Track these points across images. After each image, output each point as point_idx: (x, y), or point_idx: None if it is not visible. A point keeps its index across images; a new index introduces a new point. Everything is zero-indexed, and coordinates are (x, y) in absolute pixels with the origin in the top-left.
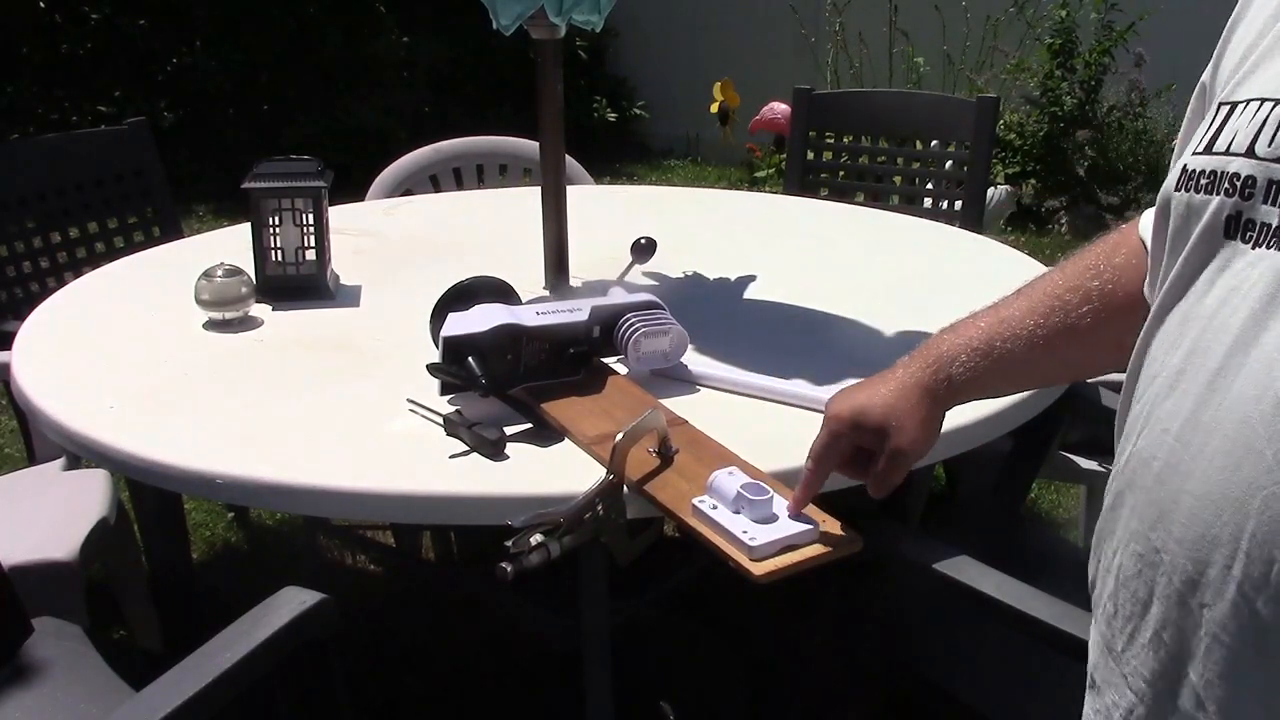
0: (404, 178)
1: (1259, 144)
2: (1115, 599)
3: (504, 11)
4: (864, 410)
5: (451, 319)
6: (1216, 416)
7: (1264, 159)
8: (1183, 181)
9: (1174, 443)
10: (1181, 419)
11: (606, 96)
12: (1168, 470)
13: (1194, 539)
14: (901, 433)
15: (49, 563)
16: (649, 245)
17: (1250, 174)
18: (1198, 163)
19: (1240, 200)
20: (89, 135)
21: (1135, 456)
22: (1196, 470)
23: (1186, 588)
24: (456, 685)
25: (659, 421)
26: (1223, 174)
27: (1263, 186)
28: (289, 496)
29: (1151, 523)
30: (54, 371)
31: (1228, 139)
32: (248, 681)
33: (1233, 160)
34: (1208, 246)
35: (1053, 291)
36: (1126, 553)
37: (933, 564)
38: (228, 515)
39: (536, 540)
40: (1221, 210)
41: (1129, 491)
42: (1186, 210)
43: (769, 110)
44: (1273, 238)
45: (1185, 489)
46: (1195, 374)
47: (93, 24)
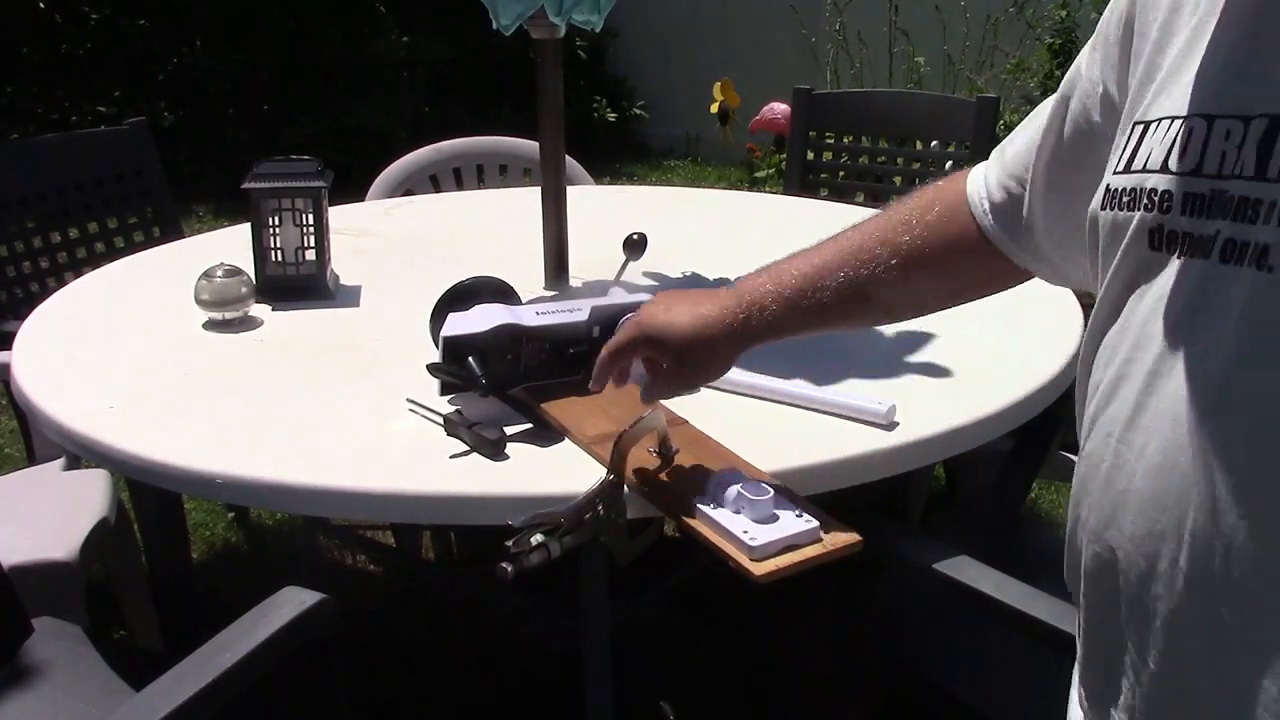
0: (404, 178)
1: (1172, 160)
2: (1086, 597)
3: (504, 11)
4: (664, 337)
5: (451, 319)
6: (1153, 419)
7: (1178, 173)
8: (1107, 200)
9: (1117, 445)
10: (1122, 423)
11: (606, 96)
12: (1114, 471)
13: (1142, 535)
14: (691, 369)
15: (49, 563)
16: (641, 241)
17: (1167, 189)
18: (1119, 181)
19: (1160, 214)
20: (89, 135)
21: (1085, 461)
22: (1139, 470)
23: (1141, 583)
24: (456, 685)
25: (659, 421)
26: (1142, 190)
27: (1179, 199)
28: (289, 496)
29: (1105, 523)
30: (54, 371)
31: (1144, 157)
32: (248, 681)
33: (1150, 177)
34: (1135, 260)
35: (864, 244)
36: (1089, 554)
37: (933, 564)
38: (228, 515)
39: (536, 540)
40: (1144, 225)
41: (1084, 495)
42: (1112, 227)
43: (769, 110)
44: (1192, 247)
45: (1131, 488)
46: (1132, 380)
47: (93, 24)
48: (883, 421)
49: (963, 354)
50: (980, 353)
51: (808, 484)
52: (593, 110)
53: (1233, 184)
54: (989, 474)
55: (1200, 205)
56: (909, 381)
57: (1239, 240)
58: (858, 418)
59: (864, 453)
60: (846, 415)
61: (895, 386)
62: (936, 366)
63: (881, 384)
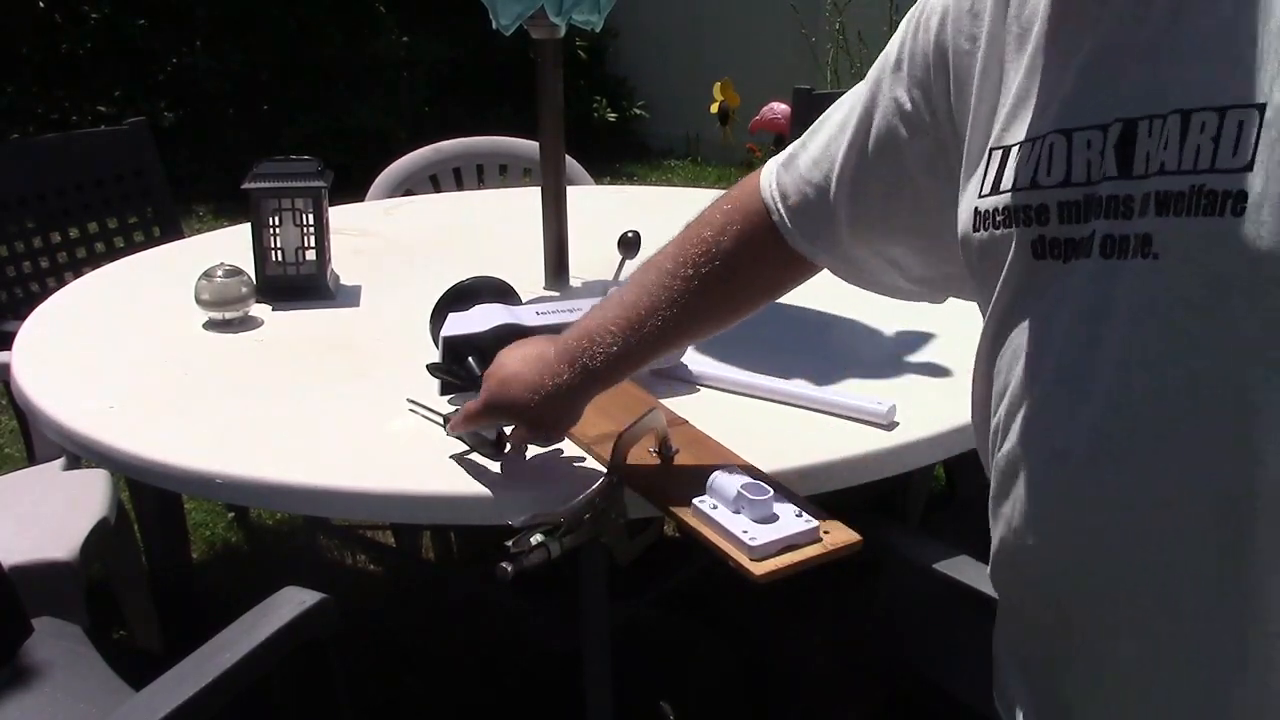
0: (404, 178)
1: (1040, 176)
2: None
3: (504, 11)
4: (512, 411)
5: (451, 319)
6: (1070, 410)
7: (1047, 187)
8: (979, 222)
9: (1040, 441)
10: (1042, 422)
11: (606, 96)
12: (1040, 466)
13: (1050, 543)
14: (547, 428)
15: (49, 563)
16: (635, 239)
17: (1042, 202)
18: (988, 203)
19: (1040, 226)
20: (89, 135)
21: (1004, 460)
22: (1066, 456)
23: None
24: (456, 685)
25: (659, 421)
26: (1016, 208)
27: (1056, 209)
28: (289, 496)
29: (1020, 530)
30: (54, 371)
31: (1011, 178)
32: (248, 681)
33: (1021, 194)
34: (1023, 271)
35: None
36: (1008, 554)
37: (933, 564)
38: (228, 515)
39: (536, 540)
40: (1026, 238)
41: (1004, 496)
42: (989, 245)
43: (769, 110)
44: (1073, 249)
45: (1052, 479)
46: (1043, 378)
47: (93, 24)
48: (883, 421)
49: (963, 354)
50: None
51: (808, 484)
52: (593, 110)
53: (1102, 186)
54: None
55: (1075, 212)
56: (909, 381)
57: (1117, 235)
58: (858, 418)
59: (864, 453)
60: (846, 415)
61: (895, 386)
62: (936, 366)
63: (881, 384)
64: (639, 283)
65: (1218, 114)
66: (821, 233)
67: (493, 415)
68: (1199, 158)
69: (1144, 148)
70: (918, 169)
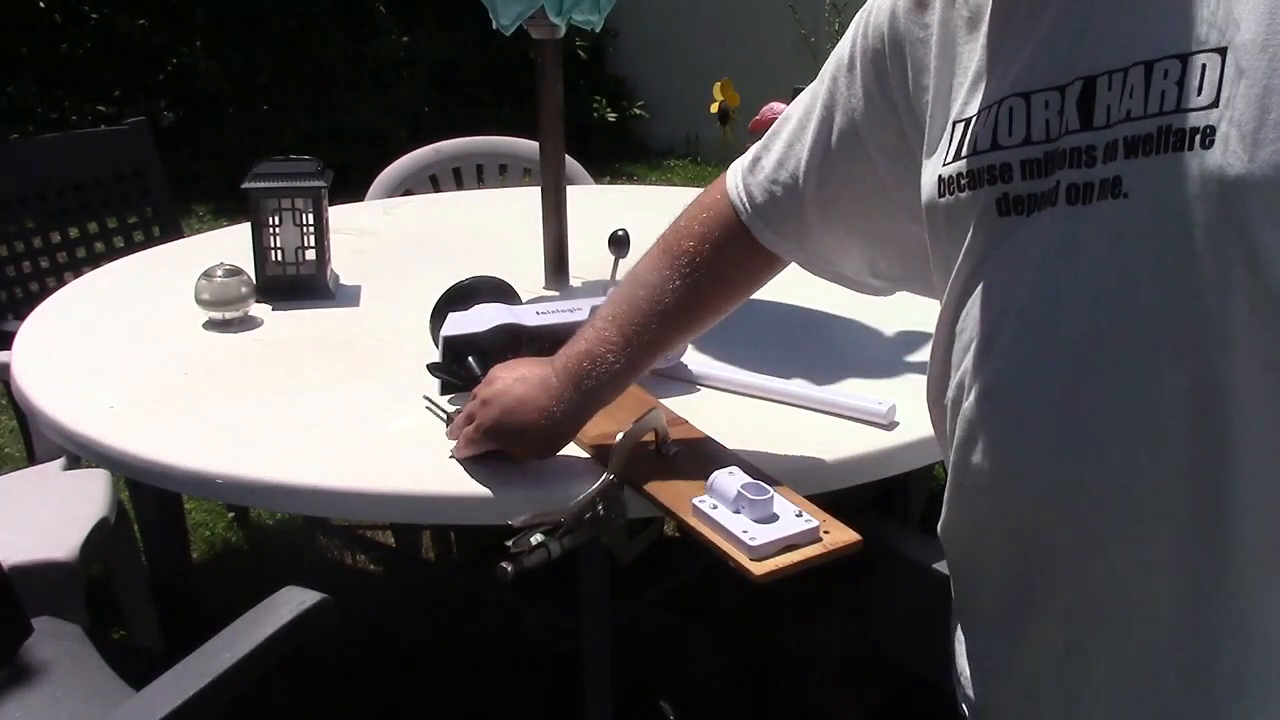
0: (404, 178)
1: (1001, 136)
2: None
3: (504, 11)
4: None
5: (451, 319)
6: (1040, 352)
7: (1009, 146)
8: (943, 188)
9: (1011, 383)
10: (1013, 369)
11: (606, 96)
12: (1012, 403)
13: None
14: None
15: (49, 563)
16: (624, 238)
17: (1005, 161)
18: (950, 170)
19: (1004, 184)
20: (89, 135)
21: (969, 412)
22: (1041, 395)
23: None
24: (456, 685)
25: (659, 421)
26: (979, 170)
27: (1018, 167)
28: (289, 496)
29: (1008, 463)
30: (54, 371)
31: (972, 143)
32: (248, 681)
33: (984, 156)
34: (987, 228)
35: (660, 298)
36: (988, 497)
37: (933, 564)
38: (228, 515)
39: (536, 540)
40: (991, 197)
41: (973, 444)
42: (954, 208)
43: (769, 110)
44: (1036, 202)
45: (1029, 416)
46: (1012, 325)
47: (92, 23)
48: (883, 421)
49: None
50: None
51: (808, 484)
52: (593, 110)
53: (1066, 139)
54: None
55: (1037, 168)
56: (909, 381)
57: (1081, 183)
58: (858, 418)
59: (864, 453)
60: (846, 415)
61: (895, 386)
62: None
63: (881, 384)
64: (628, 297)
65: (1180, 60)
66: (789, 230)
67: (501, 442)
68: (1164, 101)
69: (1104, 101)
70: (881, 160)
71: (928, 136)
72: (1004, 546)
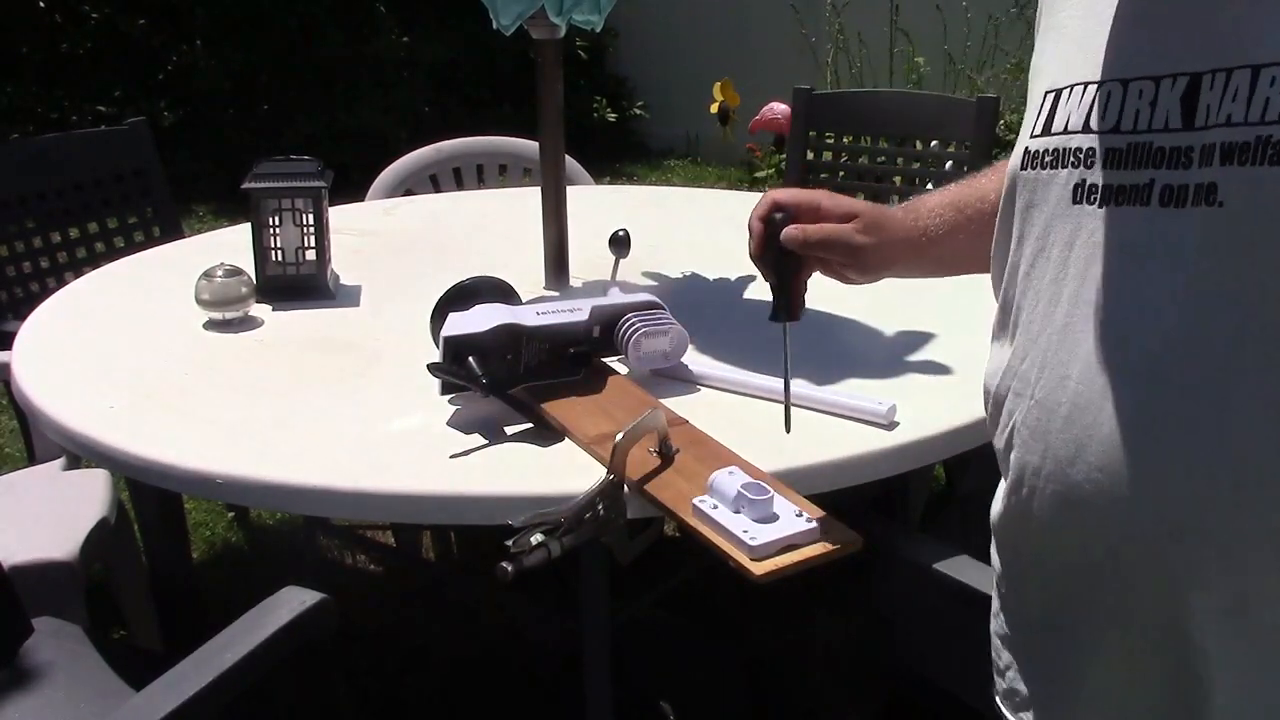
0: (404, 178)
1: (1093, 120)
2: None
3: (504, 11)
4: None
5: (452, 319)
6: (1114, 355)
7: (1099, 132)
8: (1026, 161)
9: (1076, 385)
10: (1080, 364)
11: (606, 96)
12: (1076, 411)
13: (1116, 464)
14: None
15: (49, 563)
16: (625, 238)
17: (1091, 146)
18: (1038, 144)
19: (1085, 169)
20: (89, 135)
21: (1037, 407)
22: (1106, 405)
23: (1113, 510)
24: (456, 685)
25: (659, 421)
26: (1065, 150)
27: (1102, 155)
28: (289, 496)
29: (1069, 460)
30: (54, 371)
31: (1063, 120)
32: (248, 681)
33: (1072, 137)
34: (1062, 214)
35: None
36: (1044, 496)
37: (933, 564)
38: (228, 515)
39: (536, 540)
40: (1069, 180)
41: (1035, 440)
42: (1035, 185)
43: (769, 110)
44: (1119, 196)
45: (1098, 421)
46: (1083, 323)
47: (92, 23)
48: (883, 421)
49: (963, 354)
50: (980, 352)
51: (808, 484)
52: (593, 110)
53: (1157, 137)
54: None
55: (1119, 159)
56: (909, 381)
57: (1176, 185)
58: (858, 418)
59: (864, 453)
60: (846, 415)
61: (895, 386)
62: (936, 366)
63: (881, 384)
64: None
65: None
66: None
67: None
68: (1267, 110)
69: (1206, 100)
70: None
71: (1029, 98)
72: (1057, 545)
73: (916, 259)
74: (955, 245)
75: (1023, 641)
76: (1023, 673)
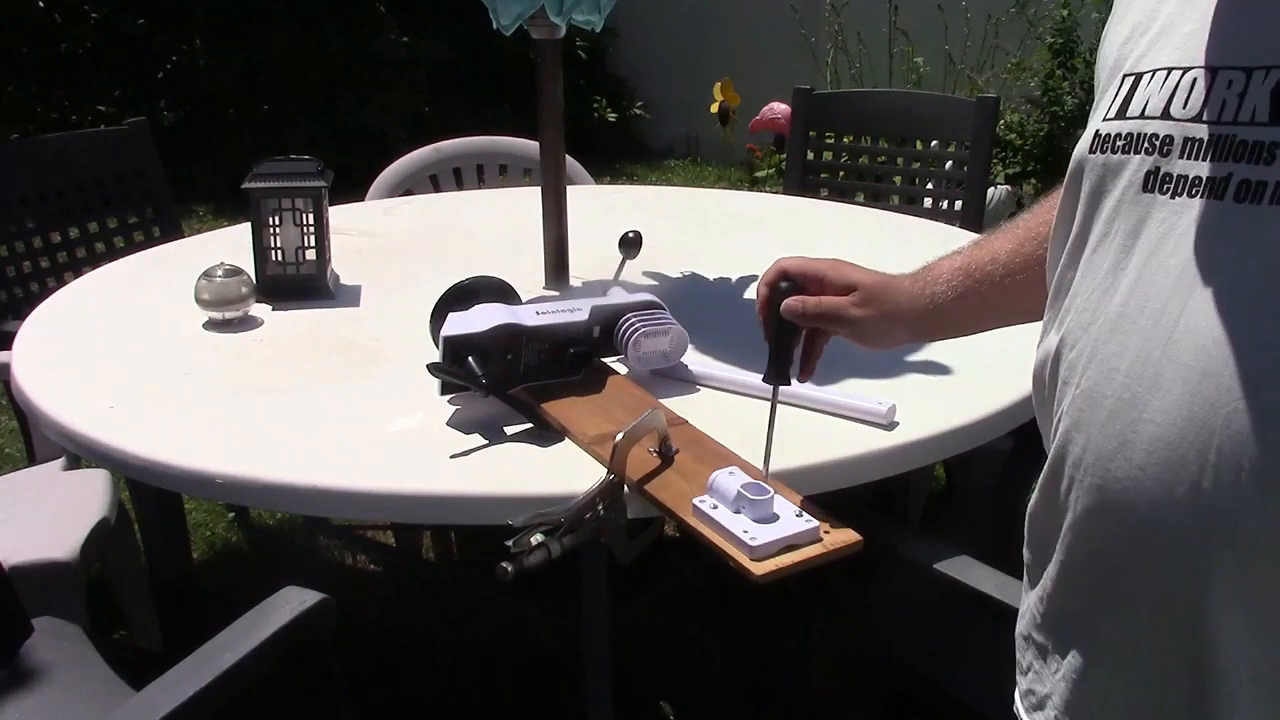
0: (404, 178)
1: (1174, 107)
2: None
3: (504, 11)
4: (847, 271)
5: (451, 319)
6: (1168, 350)
7: (1180, 119)
8: (1097, 144)
9: (1124, 379)
10: (1130, 357)
11: (606, 96)
12: (1122, 405)
13: (1159, 463)
14: (863, 304)
15: (49, 563)
16: (636, 239)
17: (1168, 133)
18: (1111, 127)
19: (1159, 157)
20: (89, 135)
21: (1082, 397)
22: (1154, 401)
23: (1153, 510)
24: (456, 685)
25: (659, 421)
26: (1140, 135)
27: (1180, 144)
28: (289, 496)
29: (1110, 455)
30: (54, 371)
31: (1140, 105)
32: (248, 681)
33: (1149, 123)
34: (1130, 201)
35: (1027, 226)
36: (1082, 488)
37: (933, 564)
38: (228, 515)
39: (536, 540)
40: (1141, 167)
41: (1077, 431)
42: (1104, 169)
43: (769, 110)
44: (1193, 187)
45: (1144, 418)
46: (1137, 315)
47: (92, 23)
48: (883, 421)
49: (963, 354)
50: (980, 353)
51: (808, 484)
52: (593, 110)
53: (1241, 130)
54: (989, 474)
55: (1200, 149)
56: (909, 381)
57: (1255, 181)
58: (858, 418)
59: (864, 453)
60: (846, 415)
61: (895, 386)
62: (936, 366)
63: (881, 384)
64: (991, 239)
65: None
66: None
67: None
68: None
69: None
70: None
71: (1096, 81)
72: (1087, 540)
73: (924, 326)
74: (966, 308)
75: (1045, 639)
76: (1040, 672)
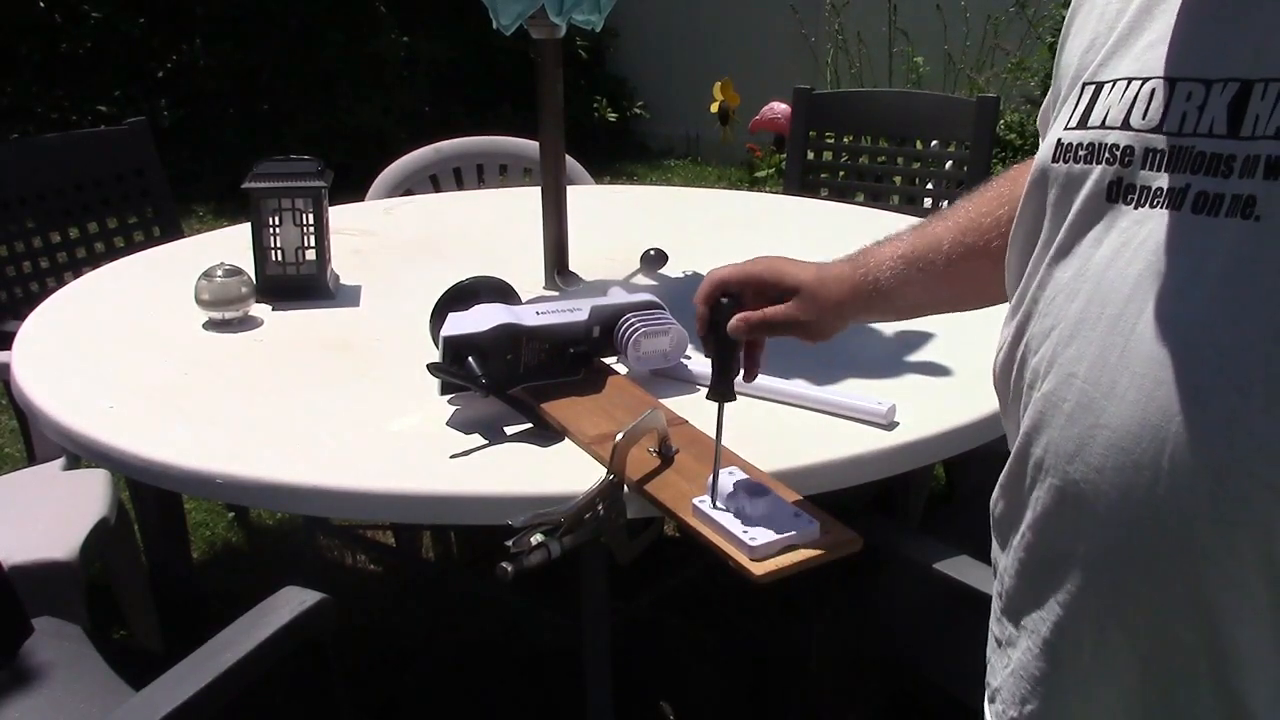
0: (404, 178)
1: (1133, 117)
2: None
3: (504, 11)
4: (784, 273)
5: (451, 319)
6: (1124, 358)
7: (1140, 130)
8: (1059, 153)
9: (1082, 384)
10: (1087, 362)
11: (606, 96)
12: (1079, 409)
13: (1114, 467)
14: (808, 305)
15: (49, 563)
16: (659, 256)
17: (1129, 144)
18: (1073, 136)
19: (1121, 167)
20: (89, 135)
21: (1043, 400)
22: (1110, 406)
23: (1110, 512)
24: (457, 685)
25: (659, 421)
26: (1101, 145)
27: (1140, 154)
28: (289, 496)
29: (1070, 456)
30: (54, 371)
31: (1101, 114)
32: (248, 681)
33: (1110, 133)
34: (1092, 210)
35: (968, 214)
36: (1043, 488)
37: (933, 564)
38: (228, 515)
39: (536, 540)
40: (1104, 178)
41: (1038, 432)
42: (1067, 179)
43: (769, 110)
44: (1154, 198)
45: (1100, 424)
46: (1095, 322)
47: (92, 23)
48: (883, 421)
49: (963, 354)
50: (980, 353)
51: (808, 484)
52: (593, 110)
53: (1199, 141)
54: (989, 474)
55: (1160, 160)
56: (909, 381)
57: (1212, 193)
58: (858, 418)
59: (864, 453)
60: (846, 415)
61: (895, 386)
62: (936, 366)
63: (881, 384)
64: (933, 223)
65: None
66: None
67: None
68: None
69: (1255, 110)
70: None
71: (1059, 89)
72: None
73: (867, 309)
74: (910, 295)
75: (1001, 633)
76: (994, 665)
